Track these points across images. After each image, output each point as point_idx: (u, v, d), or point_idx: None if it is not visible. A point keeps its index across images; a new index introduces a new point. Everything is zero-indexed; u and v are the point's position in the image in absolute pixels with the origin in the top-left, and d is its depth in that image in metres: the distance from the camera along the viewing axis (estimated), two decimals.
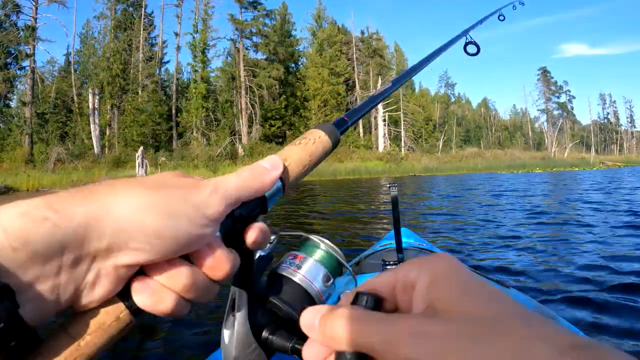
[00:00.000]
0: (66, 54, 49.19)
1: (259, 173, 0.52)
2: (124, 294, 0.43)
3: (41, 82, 42.61)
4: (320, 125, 0.61)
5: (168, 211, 0.41)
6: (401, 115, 58.21)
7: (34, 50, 39.74)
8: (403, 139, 58.89)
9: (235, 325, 0.55)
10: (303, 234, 0.68)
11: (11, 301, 0.34)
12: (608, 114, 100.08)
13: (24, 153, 36.41)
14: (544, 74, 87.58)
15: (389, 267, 1.41)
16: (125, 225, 0.40)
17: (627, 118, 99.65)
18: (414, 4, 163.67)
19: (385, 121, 56.04)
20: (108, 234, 0.39)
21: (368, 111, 0.76)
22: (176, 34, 51.71)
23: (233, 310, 0.55)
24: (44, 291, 0.37)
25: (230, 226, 0.48)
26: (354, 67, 60.76)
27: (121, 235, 0.39)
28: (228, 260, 0.46)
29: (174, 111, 48.06)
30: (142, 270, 0.43)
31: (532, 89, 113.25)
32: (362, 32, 66.74)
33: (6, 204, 0.37)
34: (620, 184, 19.81)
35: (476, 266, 5.01)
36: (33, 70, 39.72)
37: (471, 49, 1.42)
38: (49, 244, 0.37)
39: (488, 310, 0.32)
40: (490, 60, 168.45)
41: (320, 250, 0.63)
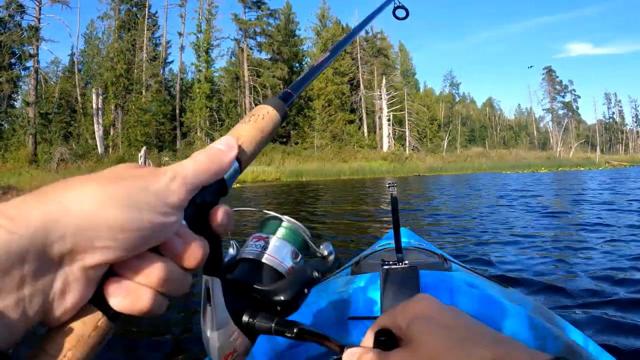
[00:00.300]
0: (70, 54, 49.26)
1: (216, 155, 0.50)
2: (97, 300, 0.41)
3: (44, 82, 42.58)
4: (268, 100, 0.61)
5: (129, 203, 0.39)
6: (405, 115, 58.06)
7: (37, 51, 39.75)
8: (407, 139, 58.71)
9: (215, 315, 0.54)
10: (258, 211, 0.66)
11: None
12: (613, 113, 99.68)
13: (28, 153, 36.42)
14: (549, 73, 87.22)
15: (387, 267, 1.52)
16: (87, 223, 0.37)
17: (633, 117, 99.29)
18: (417, 4, 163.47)
19: (389, 121, 55.88)
20: (69, 234, 0.37)
21: (310, 82, 0.77)
22: (180, 34, 51.70)
23: (209, 301, 0.54)
24: (7, 308, 0.34)
25: (194, 213, 0.47)
26: (358, 67, 60.55)
27: (84, 235, 0.37)
28: (199, 247, 0.45)
29: (177, 111, 48.03)
30: (113, 271, 0.41)
31: (537, 89, 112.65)
32: (367, 32, 66.41)
33: None
34: (627, 184, 19.60)
35: (481, 269, 4.85)
36: (36, 71, 39.74)
37: (400, 13, 1.46)
38: (6, 254, 0.34)
39: (443, 339, 0.42)
40: (495, 60, 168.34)
41: (283, 227, 0.62)
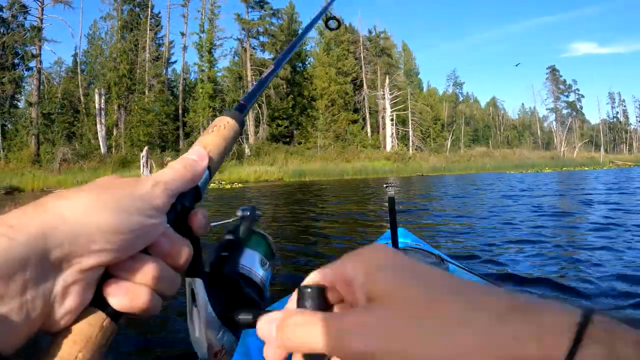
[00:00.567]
0: (73, 55, 49.26)
1: (190, 165, 0.54)
2: (99, 302, 0.43)
3: (47, 83, 42.60)
4: (226, 112, 0.65)
5: (118, 207, 0.42)
6: (409, 115, 57.88)
7: (40, 51, 39.77)
8: (411, 139, 58.56)
9: (200, 315, 0.56)
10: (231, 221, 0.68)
11: None
12: (617, 113, 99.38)
13: (30, 153, 36.42)
14: (553, 73, 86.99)
15: None
16: (82, 229, 0.40)
17: (637, 117, 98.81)
18: (421, 3, 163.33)
19: (392, 120, 55.76)
20: (67, 240, 0.39)
21: (260, 93, 0.80)
22: (182, 34, 51.71)
23: (194, 301, 0.56)
24: (11, 311, 0.36)
25: (176, 217, 0.50)
26: (361, 66, 60.51)
27: (80, 239, 0.40)
28: (184, 246, 0.49)
29: (180, 111, 47.99)
30: (110, 274, 0.44)
31: (541, 88, 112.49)
32: (370, 31, 66.59)
33: None
34: (633, 184, 19.46)
35: (487, 274, 4.74)
36: (39, 71, 39.74)
37: (332, 23, 1.51)
38: (9, 261, 0.36)
39: (421, 290, 0.34)
40: (498, 59, 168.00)
41: (249, 237, 0.64)
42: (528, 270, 4.88)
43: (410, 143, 58.41)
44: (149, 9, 48.85)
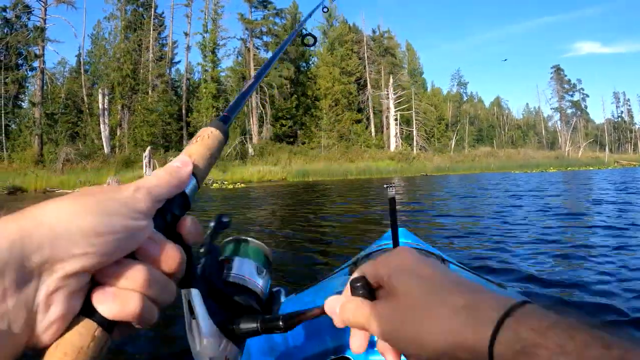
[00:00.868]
0: (77, 55, 49.27)
1: (174, 170, 0.53)
2: (88, 310, 0.42)
3: (50, 83, 42.62)
4: (210, 123, 0.67)
5: (100, 210, 0.42)
6: (413, 115, 57.73)
7: (43, 51, 39.76)
8: (415, 139, 58.38)
9: (201, 327, 0.55)
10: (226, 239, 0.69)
11: None
12: (622, 112, 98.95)
13: (34, 153, 36.42)
14: (557, 72, 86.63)
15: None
16: (62, 232, 0.39)
17: None
18: (423, 3, 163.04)
19: (396, 120, 55.56)
20: (47, 244, 0.38)
21: (243, 105, 0.82)
22: (186, 34, 51.71)
23: (192, 314, 0.55)
24: None
25: (165, 224, 0.50)
26: (365, 66, 60.37)
27: (61, 243, 0.39)
28: (174, 250, 0.48)
29: (184, 111, 47.94)
30: (97, 282, 0.43)
31: (545, 88, 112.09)
32: (374, 31, 66.39)
33: None
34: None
35: (480, 270, 4.59)
36: (42, 71, 39.73)
37: (308, 40, 1.55)
38: None
39: (419, 289, 0.45)
40: (502, 59, 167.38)
41: (238, 245, 0.66)
42: (539, 273, 4.73)
43: (415, 143, 58.23)
44: (153, 9, 48.87)
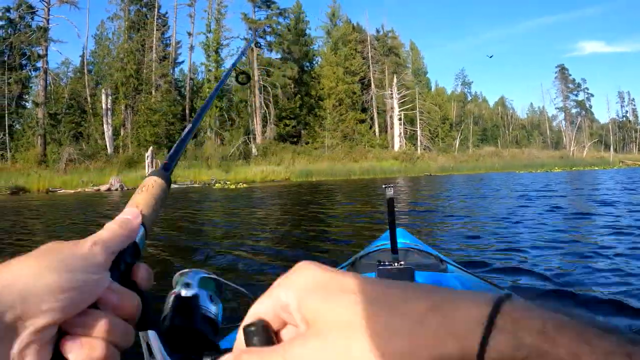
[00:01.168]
0: (81, 55, 49.33)
1: (125, 223, 0.57)
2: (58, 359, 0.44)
3: (54, 83, 42.65)
4: (152, 172, 0.70)
5: (63, 267, 0.45)
6: (417, 114, 57.51)
7: (46, 51, 39.79)
8: (419, 138, 58.19)
9: None
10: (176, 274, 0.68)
11: None
12: (627, 112, 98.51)
13: (37, 153, 36.43)
14: (562, 72, 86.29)
15: (383, 267, 1.55)
16: (30, 290, 0.42)
17: None
18: (428, 2, 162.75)
19: (400, 120, 55.42)
20: (18, 301, 0.41)
21: (182, 151, 0.85)
22: (189, 34, 51.68)
23: (151, 355, 0.56)
24: None
25: (119, 272, 0.53)
26: (369, 66, 60.17)
27: (30, 300, 0.41)
28: (131, 298, 0.51)
29: (187, 111, 47.87)
30: (65, 332, 0.45)
31: (550, 87, 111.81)
32: (377, 31, 66.21)
33: None
34: None
35: (479, 270, 4.43)
36: (46, 71, 39.76)
37: (242, 78, 1.57)
38: None
39: (348, 310, 0.35)
40: (506, 59, 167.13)
41: (194, 278, 0.66)
42: (548, 277, 4.56)
43: (419, 143, 58.04)
44: (156, 9, 48.81)
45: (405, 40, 76.47)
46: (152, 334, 0.56)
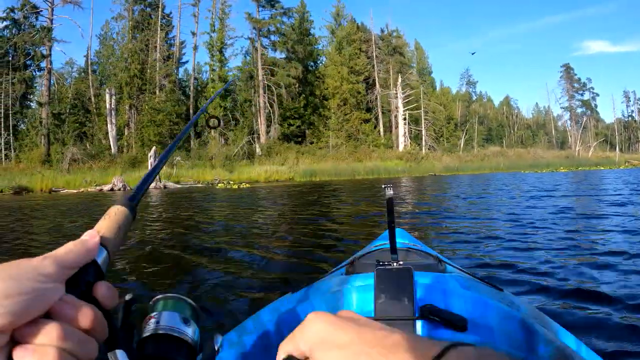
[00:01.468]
0: (86, 55, 49.38)
1: (81, 241, 0.58)
2: None
3: (58, 83, 42.68)
4: (118, 201, 0.72)
5: (9, 276, 0.46)
6: (422, 114, 57.38)
7: (50, 51, 39.81)
8: (424, 138, 58.05)
9: None
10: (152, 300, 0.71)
11: None
12: (632, 111, 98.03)
13: (41, 153, 36.45)
14: (567, 71, 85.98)
15: (381, 267, 1.54)
16: None
17: None
18: (433, 2, 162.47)
19: (405, 120, 55.24)
20: None
21: (150, 183, 0.87)
22: (193, 34, 51.67)
23: None
24: None
25: (80, 290, 0.54)
26: (373, 65, 60.06)
27: None
28: (88, 308, 0.51)
29: (192, 111, 47.84)
30: (17, 342, 0.46)
31: (555, 87, 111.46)
32: (382, 30, 66.07)
33: None
34: None
35: (478, 271, 4.27)
36: (49, 71, 39.78)
37: (213, 122, 1.59)
38: None
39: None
40: (511, 58, 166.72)
41: (165, 302, 0.69)
42: (556, 280, 4.39)
43: (423, 142, 57.90)
44: (160, 9, 48.82)
45: (410, 39, 76.48)
46: (121, 354, 0.56)
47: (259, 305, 1.79)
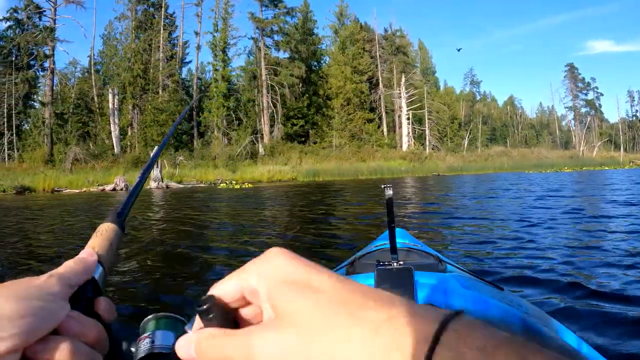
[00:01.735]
0: (89, 55, 49.43)
1: (79, 260, 0.61)
2: None
3: (61, 83, 42.71)
4: (107, 219, 0.75)
5: (19, 296, 0.47)
6: (425, 114, 57.20)
7: (53, 51, 39.84)
8: (427, 138, 57.91)
9: None
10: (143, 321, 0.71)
11: None
12: (637, 111, 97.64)
13: (44, 153, 36.48)
14: (571, 71, 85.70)
15: (382, 267, 1.57)
16: None
17: None
18: (437, 1, 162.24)
19: (409, 120, 55.11)
20: None
21: (135, 199, 0.89)
22: (196, 33, 51.64)
23: None
24: None
25: (82, 306, 0.55)
26: (377, 65, 59.88)
27: None
28: (92, 323, 0.53)
29: (195, 110, 47.77)
30: (29, 359, 0.47)
31: (559, 86, 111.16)
32: (385, 30, 65.89)
33: None
34: None
35: (478, 271, 4.16)
36: (52, 71, 39.81)
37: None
38: None
39: (314, 307, 0.35)
40: (515, 58, 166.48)
41: (157, 321, 0.68)
42: (560, 282, 4.28)
43: (427, 142, 57.77)
44: (163, 9, 48.82)
45: (413, 39, 76.14)
46: None
47: None
